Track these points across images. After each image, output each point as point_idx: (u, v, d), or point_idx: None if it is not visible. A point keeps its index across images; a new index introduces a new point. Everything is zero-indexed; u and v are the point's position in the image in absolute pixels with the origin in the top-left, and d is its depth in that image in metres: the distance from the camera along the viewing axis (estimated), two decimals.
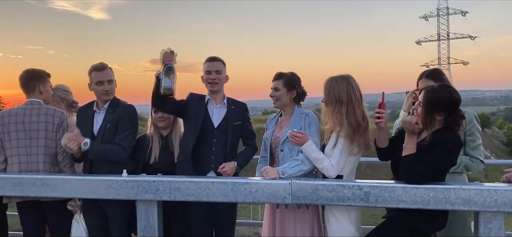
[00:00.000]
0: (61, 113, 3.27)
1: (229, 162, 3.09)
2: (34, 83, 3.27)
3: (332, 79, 2.83)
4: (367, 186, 2.55)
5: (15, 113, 3.20)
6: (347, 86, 2.78)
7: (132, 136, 3.21)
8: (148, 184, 2.78)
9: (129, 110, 3.27)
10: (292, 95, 3.10)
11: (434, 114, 2.48)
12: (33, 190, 2.97)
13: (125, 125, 3.19)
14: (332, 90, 2.79)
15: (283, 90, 3.08)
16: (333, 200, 2.61)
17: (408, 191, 2.49)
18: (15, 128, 3.17)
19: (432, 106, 2.48)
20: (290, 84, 3.09)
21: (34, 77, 3.29)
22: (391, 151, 2.76)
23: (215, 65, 3.20)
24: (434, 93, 2.51)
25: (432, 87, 2.58)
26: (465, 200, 2.44)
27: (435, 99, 2.49)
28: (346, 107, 2.75)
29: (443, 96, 2.49)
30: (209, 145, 3.16)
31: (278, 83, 3.10)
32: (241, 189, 2.69)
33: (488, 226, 2.47)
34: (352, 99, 2.75)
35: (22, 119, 3.17)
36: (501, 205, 2.42)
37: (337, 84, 2.79)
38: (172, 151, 3.29)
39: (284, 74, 3.13)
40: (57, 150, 3.20)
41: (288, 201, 2.64)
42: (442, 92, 2.51)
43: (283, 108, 3.15)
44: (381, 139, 2.76)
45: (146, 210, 2.83)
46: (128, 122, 3.21)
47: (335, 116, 2.77)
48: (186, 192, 2.74)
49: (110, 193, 2.85)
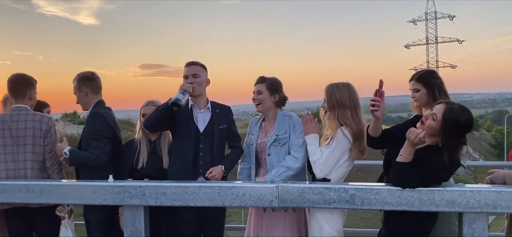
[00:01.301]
0: (49, 118, 3.26)
1: (216, 166, 3.09)
2: (25, 88, 3.26)
3: (333, 85, 2.89)
4: (353, 189, 2.57)
5: (1, 120, 3.18)
6: (348, 91, 2.86)
7: (102, 142, 3.17)
8: (134, 189, 2.77)
9: (92, 120, 3.26)
10: (274, 98, 3.14)
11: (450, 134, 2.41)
12: (18, 196, 2.93)
13: (93, 134, 3.19)
14: (334, 95, 2.85)
15: (266, 94, 3.11)
16: (319, 203, 2.62)
17: (393, 193, 2.51)
18: (2, 135, 3.15)
19: (447, 126, 2.41)
20: (273, 88, 3.13)
21: (26, 83, 3.27)
22: (382, 142, 2.75)
23: (191, 69, 3.18)
24: (453, 113, 2.42)
25: (452, 106, 2.47)
26: (449, 202, 2.46)
27: (453, 120, 2.41)
28: (349, 112, 2.82)
29: (461, 120, 2.42)
30: (196, 151, 3.16)
31: (261, 87, 3.13)
32: (228, 193, 2.69)
33: (472, 227, 2.49)
34: (354, 104, 2.83)
35: (9, 125, 3.15)
36: (484, 206, 2.44)
37: (339, 89, 2.86)
38: (160, 156, 3.28)
39: (266, 78, 3.16)
40: (45, 156, 3.19)
41: (275, 205, 2.65)
42: (460, 114, 2.43)
43: (266, 112, 3.18)
44: (375, 128, 2.71)
45: (132, 215, 2.81)
46: (95, 131, 3.19)
47: (337, 121, 2.83)
48: (173, 197, 2.73)
49: (96, 198, 2.82)
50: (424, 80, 2.99)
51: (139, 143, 3.33)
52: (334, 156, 2.83)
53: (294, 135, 3.01)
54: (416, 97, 3.03)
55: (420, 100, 3.01)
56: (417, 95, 3.01)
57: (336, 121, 2.85)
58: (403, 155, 2.47)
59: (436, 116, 2.44)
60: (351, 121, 2.83)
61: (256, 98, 3.13)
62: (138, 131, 3.38)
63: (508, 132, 42.79)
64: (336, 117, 2.85)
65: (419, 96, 3.00)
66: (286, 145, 3.05)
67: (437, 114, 2.44)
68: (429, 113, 2.49)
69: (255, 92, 3.14)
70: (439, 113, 2.44)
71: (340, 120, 2.84)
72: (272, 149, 3.05)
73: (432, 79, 2.98)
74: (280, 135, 3.06)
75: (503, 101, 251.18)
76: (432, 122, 2.45)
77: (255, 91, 3.14)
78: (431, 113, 2.48)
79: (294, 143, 3.04)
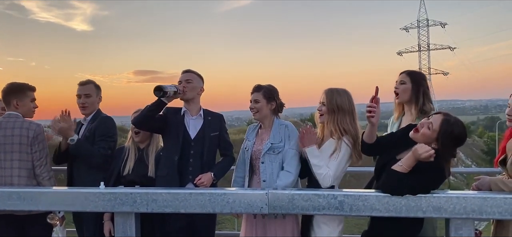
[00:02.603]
0: (37, 125, 3.26)
1: (205, 173, 3.13)
2: (10, 97, 3.28)
3: (333, 90, 2.94)
4: (342, 195, 2.60)
5: None
6: (348, 97, 2.92)
7: (107, 145, 3.36)
8: (125, 196, 2.77)
9: (104, 121, 3.44)
10: (271, 106, 3.15)
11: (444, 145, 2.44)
12: (9, 203, 2.93)
13: (101, 136, 3.37)
14: (334, 99, 2.89)
15: (263, 102, 3.12)
16: (309, 209, 2.65)
17: (381, 200, 2.54)
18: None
19: (443, 137, 2.44)
20: (269, 96, 3.14)
21: (10, 92, 3.29)
22: (376, 148, 2.77)
23: (186, 75, 3.26)
24: (450, 125, 2.45)
25: (449, 118, 2.49)
26: (436, 208, 2.50)
27: (450, 132, 2.44)
28: (348, 117, 2.87)
29: (456, 132, 2.46)
30: (187, 157, 3.18)
31: (258, 95, 3.14)
32: (219, 199, 2.71)
33: (458, 233, 2.53)
34: (352, 110, 2.89)
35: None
36: (470, 212, 2.48)
37: (339, 94, 2.91)
38: (146, 164, 3.30)
39: (262, 86, 3.17)
40: (33, 164, 3.20)
41: (265, 211, 2.67)
42: (455, 126, 2.46)
43: (263, 120, 3.19)
44: (370, 134, 2.74)
45: (123, 222, 2.81)
46: (104, 132, 3.39)
47: (336, 125, 2.87)
48: (163, 204, 2.74)
49: (87, 205, 2.82)
50: (413, 76, 3.07)
51: (128, 150, 3.36)
52: (341, 167, 2.88)
53: (288, 145, 3.03)
54: (399, 89, 3.09)
55: (402, 94, 3.07)
56: (402, 87, 3.08)
57: (334, 126, 2.88)
58: (403, 165, 2.46)
59: (432, 125, 2.46)
60: (350, 126, 2.87)
61: (253, 107, 3.14)
62: (129, 138, 3.41)
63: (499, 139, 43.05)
64: (334, 121, 2.88)
65: (403, 89, 3.07)
66: (280, 154, 3.05)
67: (433, 124, 2.46)
68: (425, 122, 2.51)
69: (252, 101, 3.16)
70: (436, 123, 2.46)
71: (339, 125, 2.87)
72: (266, 157, 3.06)
73: (421, 80, 3.06)
74: (275, 144, 3.06)
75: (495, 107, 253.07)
76: (427, 130, 2.47)
77: (252, 100, 3.15)
78: (427, 122, 2.50)
79: (288, 154, 3.04)
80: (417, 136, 2.52)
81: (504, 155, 2.71)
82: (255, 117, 3.18)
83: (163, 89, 2.98)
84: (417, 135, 2.52)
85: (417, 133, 2.52)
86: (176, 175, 3.14)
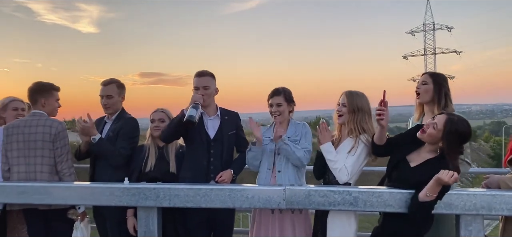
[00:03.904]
0: (59, 123, 3.40)
1: (226, 171, 3.25)
2: (37, 96, 3.43)
3: (352, 92, 3.09)
4: (357, 192, 2.73)
5: (18, 125, 3.35)
6: (366, 99, 3.07)
7: (128, 145, 3.44)
8: (148, 191, 2.92)
9: (129, 122, 3.53)
10: (290, 107, 3.30)
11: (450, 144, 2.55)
12: (36, 198, 3.09)
13: (124, 136, 3.45)
14: (354, 100, 3.03)
15: (285, 105, 3.25)
16: (324, 205, 2.78)
17: (394, 196, 2.67)
18: (16, 139, 3.31)
19: (448, 136, 2.55)
20: (289, 98, 3.29)
21: (38, 91, 3.44)
22: (387, 149, 2.88)
23: (202, 80, 3.31)
24: (454, 124, 2.55)
25: (452, 117, 2.61)
26: (447, 204, 2.62)
27: (454, 131, 2.54)
28: (367, 116, 3.02)
29: (461, 130, 2.56)
30: (207, 158, 3.31)
31: (279, 99, 3.25)
32: (238, 195, 2.84)
33: (468, 229, 2.65)
34: (370, 111, 3.04)
35: (23, 130, 3.31)
36: (480, 209, 2.61)
37: (358, 96, 3.06)
38: (167, 160, 3.43)
39: (281, 89, 3.28)
40: (55, 160, 3.33)
41: (282, 207, 2.80)
42: (460, 125, 2.57)
43: (284, 121, 3.30)
44: (380, 136, 2.84)
45: (146, 216, 2.95)
46: (127, 132, 3.47)
47: (356, 125, 3.00)
48: (185, 199, 2.88)
49: (112, 200, 2.97)
50: (435, 77, 3.15)
51: (148, 148, 3.48)
52: (359, 162, 2.99)
53: (305, 141, 3.19)
54: (421, 89, 3.16)
55: (424, 95, 3.13)
56: (423, 88, 3.14)
57: (354, 124, 3.02)
58: (429, 194, 2.51)
59: (437, 125, 2.59)
60: (369, 125, 3.02)
61: (276, 110, 3.24)
62: (148, 137, 3.53)
63: (505, 143, 42.96)
64: (355, 121, 3.01)
65: (425, 89, 3.13)
66: None
67: (437, 124, 2.59)
68: (430, 122, 2.64)
69: (273, 105, 3.26)
70: (440, 123, 2.58)
71: (358, 125, 3.01)
72: (282, 149, 3.17)
73: (443, 81, 3.13)
74: (292, 137, 3.20)
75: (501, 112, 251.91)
76: (433, 130, 2.59)
77: (274, 104, 3.25)
78: (432, 123, 2.62)
79: (303, 145, 3.19)
80: (424, 137, 2.64)
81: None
82: (278, 119, 3.26)
83: (194, 120, 3.10)
84: (424, 136, 2.64)
85: (423, 134, 2.64)
86: (203, 177, 3.26)
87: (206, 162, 3.30)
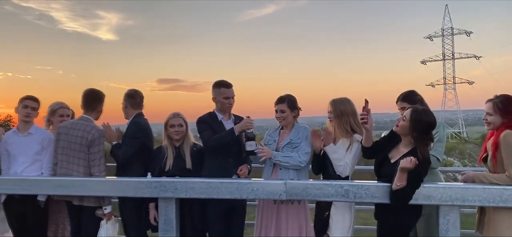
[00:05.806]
0: (97, 130, 3.75)
1: (243, 165, 3.77)
2: (96, 103, 3.87)
3: (336, 99, 3.53)
4: (347, 185, 3.14)
5: (66, 126, 3.78)
6: (348, 103, 3.49)
7: (130, 147, 3.82)
8: (168, 184, 3.36)
9: (130, 125, 3.95)
10: (294, 113, 3.71)
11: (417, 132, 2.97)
12: (72, 190, 3.57)
13: (126, 138, 3.89)
14: (338, 106, 3.48)
15: (288, 111, 3.67)
16: (320, 196, 3.20)
17: (380, 189, 3.06)
18: (63, 138, 3.73)
19: (414, 125, 2.98)
20: (293, 105, 3.69)
21: (97, 98, 3.88)
22: (373, 150, 3.27)
23: (232, 91, 3.87)
24: (418, 114, 3.00)
25: (416, 109, 3.06)
26: (426, 196, 3.01)
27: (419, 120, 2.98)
28: (351, 117, 3.44)
29: (424, 119, 3.00)
30: (230, 156, 3.78)
31: (283, 106, 3.67)
32: (245, 188, 3.26)
33: (446, 218, 3.02)
34: (353, 112, 3.46)
35: (68, 131, 3.73)
36: (455, 200, 2.99)
37: (341, 102, 3.50)
38: (184, 158, 3.85)
39: (285, 97, 3.69)
40: (89, 164, 3.69)
41: (283, 198, 3.22)
42: (423, 114, 3.01)
43: (288, 125, 3.73)
44: (367, 139, 3.25)
45: (166, 206, 3.39)
46: (128, 134, 3.89)
47: (342, 126, 3.44)
48: (199, 191, 3.32)
49: (136, 191, 3.43)
50: (408, 98, 3.57)
51: (166, 149, 3.90)
52: (355, 158, 3.45)
53: (305, 143, 3.61)
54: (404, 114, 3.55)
55: None
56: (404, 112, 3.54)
57: (343, 127, 3.45)
58: (399, 183, 2.91)
59: (406, 117, 3.05)
60: (355, 125, 3.43)
61: (280, 116, 3.68)
62: (164, 139, 3.96)
63: None
64: (342, 124, 3.46)
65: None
66: (296, 149, 3.60)
67: (406, 115, 3.06)
68: (401, 116, 3.12)
69: (277, 111, 3.69)
70: (408, 115, 3.05)
71: (346, 125, 3.43)
72: (285, 149, 3.62)
73: (413, 96, 3.55)
74: (294, 140, 3.63)
75: None
76: (403, 122, 3.06)
77: (278, 110, 3.68)
78: (402, 116, 3.10)
79: (302, 149, 3.59)
80: (398, 130, 3.11)
81: (485, 154, 3.17)
82: (282, 123, 3.72)
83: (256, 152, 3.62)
84: (397, 129, 3.10)
85: (397, 127, 3.10)
86: (228, 174, 3.72)
87: (231, 160, 3.77)
